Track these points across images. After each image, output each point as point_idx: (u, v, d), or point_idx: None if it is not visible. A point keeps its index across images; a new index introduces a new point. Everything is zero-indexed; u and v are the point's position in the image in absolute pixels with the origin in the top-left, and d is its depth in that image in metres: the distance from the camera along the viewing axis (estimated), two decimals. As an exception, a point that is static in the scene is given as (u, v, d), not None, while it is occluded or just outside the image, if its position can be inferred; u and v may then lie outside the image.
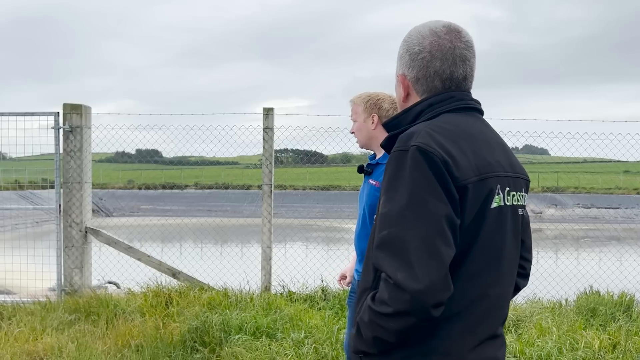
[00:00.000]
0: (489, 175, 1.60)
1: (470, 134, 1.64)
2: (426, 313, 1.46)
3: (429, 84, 1.71)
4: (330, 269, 7.14)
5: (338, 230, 21.70)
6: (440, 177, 1.51)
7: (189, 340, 4.73)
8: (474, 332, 1.61)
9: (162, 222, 18.04)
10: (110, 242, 6.76)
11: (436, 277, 1.45)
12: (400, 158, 1.55)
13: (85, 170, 6.73)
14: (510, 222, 1.67)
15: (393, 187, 1.54)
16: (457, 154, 1.55)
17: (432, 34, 1.70)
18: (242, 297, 5.77)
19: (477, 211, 1.57)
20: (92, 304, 5.84)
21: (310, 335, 4.61)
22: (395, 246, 1.49)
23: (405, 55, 1.74)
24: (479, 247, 1.58)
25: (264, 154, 6.63)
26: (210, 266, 7.67)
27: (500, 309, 1.69)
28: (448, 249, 1.49)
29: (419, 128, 1.59)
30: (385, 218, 1.53)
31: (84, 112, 6.71)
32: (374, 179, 3.15)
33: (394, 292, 1.47)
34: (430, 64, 1.69)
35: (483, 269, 1.60)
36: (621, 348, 4.41)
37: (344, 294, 6.04)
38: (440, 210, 1.49)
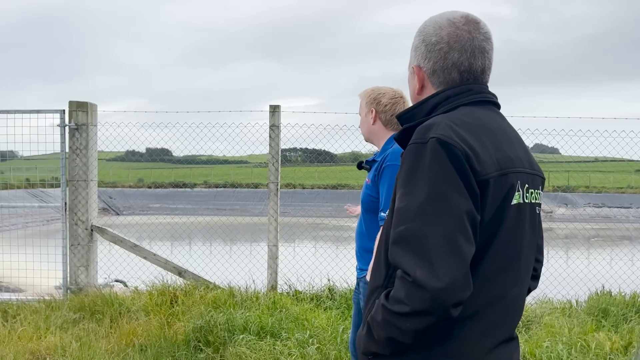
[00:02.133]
0: (510, 171, 1.54)
1: (490, 128, 1.57)
2: (446, 313, 1.39)
3: (446, 76, 1.64)
4: (337, 268, 7.08)
5: (346, 229, 21.63)
6: (462, 170, 1.44)
7: (193, 340, 4.68)
8: (491, 334, 1.54)
9: (171, 220, 18.03)
10: (116, 240, 6.72)
11: (457, 275, 1.38)
12: (418, 150, 1.47)
13: (91, 168, 6.69)
14: (528, 220, 1.60)
15: (411, 181, 1.47)
16: (479, 148, 1.48)
17: (450, 25, 1.63)
18: (247, 296, 5.71)
19: (497, 207, 1.50)
20: (97, 302, 5.80)
21: (315, 335, 4.55)
22: (414, 242, 1.42)
23: (421, 46, 1.66)
24: (497, 245, 1.51)
25: (270, 151, 6.57)
26: (217, 265, 7.63)
27: (516, 310, 1.63)
28: (469, 246, 1.42)
29: (437, 120, 1.52)
30: (402, 213, 1.46)
31: (90, 109, 6.67)
32: (368, 176, 3.11)
33: (413, 290, 1.40)
34: (448, 55, 1.62)
35: (501, 269, 1.53)
36: (634, 350, 4.31)
37: (351, 294, 5.98)
38: (461, 206, 1.42)
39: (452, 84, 1.64)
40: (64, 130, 6.62)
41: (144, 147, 12.76)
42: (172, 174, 43.09)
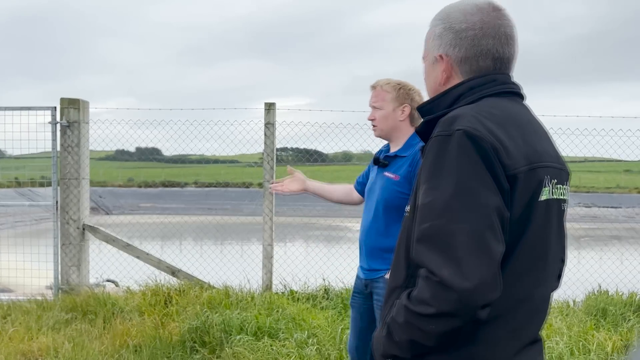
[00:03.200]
0: (539, 165, 1.46)
1: (517, 120, 1.50)
2: (473, 314, 1.33)
3: (479, 64, 1.56)
4: (332, 267, 7.01)
5: (339, 229, 21.58)
6: (490, 164, 1.37)
7: (188, 341, 4.60)
8: (518, 337, 1.47)
9: (162, 220, 17.91)
10: (109, 239, 6.62)
11: (486, 275, 1.31)
12: (443, 143, 1.40)
13: (83, 166, 6.59)
14: (555, 218, 1.53)
15: (436, 175, 1.39)
16: (507, 141, 1.41)
17: (479, 10, 1.55)
18: (243, 296, 5.64)
19: (526, 204, 1.43)
20: (90, 302, 5.71)
21: (313, 335, 4.48)
22: (441, 240, 1.35)
23: (447, 33, 1.57)
24: (525, 243, 1.44)
25: (265, 150, 6.49)
26: (210, 264, 7.54)
27: (542, 311, 1.56)
28: (498, 244, 1.35)
29: (463, 111, 1.45)
30: (427, 209, 1.39)
31: (82, 106, 6.57)
32: (392, 172, 3.00)
33: (438, 290, 1.33)
34: (482, 41, 1.54)
35: (528, 268, 1.47)
36: (632, 349, 4.28)
37: (347, 294, 5.91)
38: (490, 202, 1.35)
39: (484, 72, 1.56)
40: (56, 127, 6.51)
41: (134, 146, 12.66)
42: (162, 173, 42.86)
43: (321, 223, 20.70)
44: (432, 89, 1.65)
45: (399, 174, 2.97)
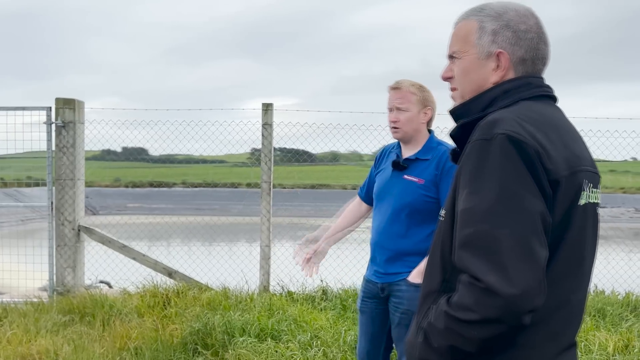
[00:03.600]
0: (578, 169, 1.47)
1: (555, 124, 1.50)
2: (518, 320, 1.32)
3: (535, 67, 1.58)
4: (330, 268, 7.00)
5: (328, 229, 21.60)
6: (533, 169, 1.36)
7: (190, 343, 4.57)
8: (555, 341, 1.47)
9: (150, 220, 17.80)
10: (105, 240, 6.57)
11: (533, 281, 1.31)
12: (484, 147, 1.39)
13: (78, 167, 6.53)
14: (591, 222, 1.53)
15: (477, 180, 1.38)
16: (548, 145, 1.41)
17: (532, 15, 1.58)
18: (242, 298, 5.62)
19: (566, 208, 1.43)
20: (87, 304, 5.66)
21: (315, 337, 4.47)
22: (485, 246, 1.33)
23: (506, 32, 1.56)
24: (564, 248, 1.44)
25: (262, 150, 6.48)
26: (200, 265, 7.47)
27: (579, 315, 1.56)
28: (543, 250, 1.34)
29: (503, 115, 1.44)
30: (470, 214, 1.38)
31: (77, 107, 6.51)
32: (415, 176, 2.98)
33: (484, 297, 1.32)
34: (539, 45, 1.57)
35: (567, 273, 1.47)
36: (636, 350, 4.32)
37: (345, 295, 5.91)
38: (534, 207, 1.34)
39: (536, 75, 1.59)
40: (51, 128, 6.45)
41: (120, 146, 12.53)
42: (149, 173, 42.56)
43: (311, 223, 20.67)
44: (476, 86, 1.60)
45: (423, 177, 2.95)
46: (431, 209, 2.92)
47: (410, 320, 2.96)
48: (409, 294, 2.92)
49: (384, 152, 3.29)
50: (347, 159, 31.16)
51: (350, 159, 32.03)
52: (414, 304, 2.92)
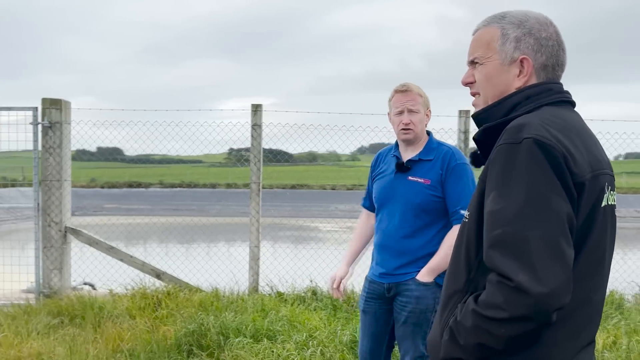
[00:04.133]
0: (600, 172, 1.52)
1: (577, 129, 1.55)
2: (547, 318, 1.37)
3: (555, 73, 1.64)
4: (320, 268, 7.03)
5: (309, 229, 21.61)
6: (560, 172, 1.41)
7: (184, 344, 4.57)
8: (577, 338, 1.52)
9: (128, 221, 17.65)
10: (92, 242, 6.52)
11: (561, 280, 1.36)
12: (511, 151, 1.44)
13: (65, 168, 6.47)
14: (610, 223, 1.59)
15: (505, 183, 1.43)
16: (573, 149, 1.46)
17: (550, 24, 1.64)
18: (233, 299, 5.62)
19: (590, 210, 1.48)
20: (75, 306, 5.62)
21: (312, 337, 4.50)
22: (515, 246, 1.38)
23: (528, 39, 1.61)
24: (587, 249, 1.50)
25: (252, 151, 6.49)
26: (186, 266, 7.44)
27: (599, 314, 1.62)
28: (570, 250, 1.40)
29: (529, 119, 1.48)
30: (499, 216, 1.42)
31: (64, 107, 6.45)
32: (420, 177, 3.04)
33: (513, 295, 1.36)
34: (559, 53, 1.64)
35: (589, 273, 1.52)
36: (624, 347, 4.42)
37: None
38: (562, 208, 1.39)
39: (555, 81, 1.65)
40: (37, 128, 6.38)
41: (95, 146, 12.35)
42: (125, 173, 42.16)
43: (292, 224, 20.69)
44: (499, 91, 1.64)
45: (429, 177, 3.02)
46: (438, 209, 3.00)
47: (417, 319, 3.01)
48: (418, 293, 2.98)
49: (379, 156, 3.33)
50: (325, 159, 31.24)
51: (328, 159, 32.12)
52: (423, 302, 2.98)
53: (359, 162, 38.69)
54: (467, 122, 6.49)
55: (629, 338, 4.56)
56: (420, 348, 3.03)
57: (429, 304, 2.98)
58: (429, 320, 3.00)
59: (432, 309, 2.98)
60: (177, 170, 43.65)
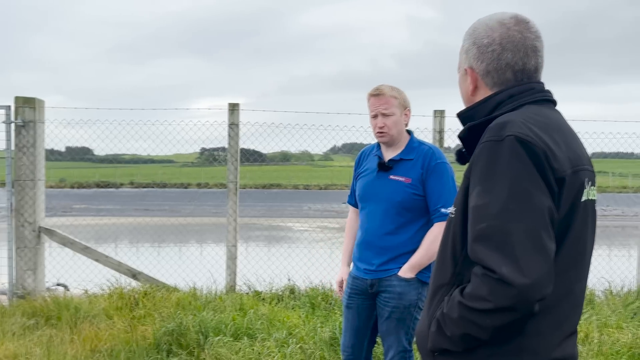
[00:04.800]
0: (580, 168, 1.59)
1: (558, 126, 1.61)
2: (530, 308, 1.43)
3: (500, 77, 1.67)
4: (297, 267, 7.06)
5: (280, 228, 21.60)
6: (541, 168, 1.47)
7: (164, 343, 4.56)
8: (560, 329, 1.58)
9: (98, 222, 17.45)
10: (66, 242, 6.45)
11: (543, 272, 1.42)
12: (494, 148, 1.49)
13: (38, 167, 6.39)
14: (590, 217, 1.65)
15: (489, 179, 1.49)
16: (553, 145, 1.52)
17: (501, 26, 1.66)
18: (211, 298, 5.62)
19: (570, 205, 1.54)
20: (51, 307, 5.56)
21: (291, 335, 4.53)
22: (498, 239, 1.43)
23: (473, 49, 1.70)
24: (568, 242, 1.56)
25: (229, 150, 6.49)
26: (154, 265, 7.41)
27: (580, 304, 1.68)
28: (551, 243, 1.46)
29: (511, 117, 1.54)
30: (483, 210, 1.48)
31: (38, 105, 6.37)
32: (402, 175, 3.09)
33: (498, 287, 1.42)
34: (502, 56, 1.65)
35: (570, 265, 1.58)
36: (595, 341, 4.55)
37: (314, 293, 5.98)
38: (543, 203, 1.45)
39: (507, 84, 1.67)
40: (10, 127, 6.28)
41: (64, 146, 12.18)
42: (95, 173, 41.62)
43: (265, 223, 20.67)
44: (464, 99, 1.78)
45: (410, 176, 3.08)
46: (419, 206, 3.07)
47: (401, 315, 3.07)
48: (400, 289, 3.05)
49: (362, 155, 3.39)
50: (298, 158, 31.24)
51: (301, 158, 32.13)
52: (405, 298, 3.05)
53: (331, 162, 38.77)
54: (442, 121, 6.58)
55: (600, 332, 4.69)
56: (403, 343, 3.09)
57: (412, 300, 3.04)
58: (412, 316, 3.06)
59: (414, 305, 3.04)
60: (147, 170, 43.22)
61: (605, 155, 9.63)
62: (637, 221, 18.21)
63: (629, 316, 5.37)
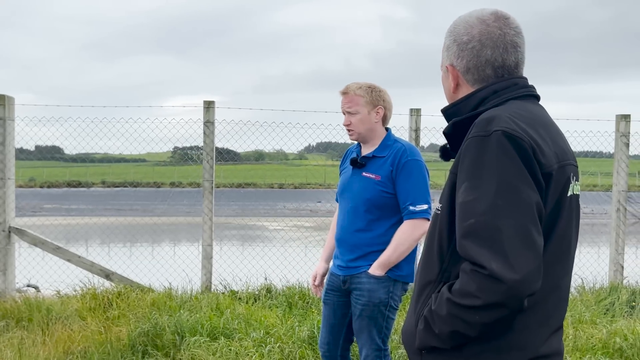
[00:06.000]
0: (566, 163, 1.59)
1: (542, 121, 1.61)
2: (520, 304, 1.42)
3: (480, 73, 1.67)
4: (274, 266, 7.02)
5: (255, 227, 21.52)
6: (529, 163, 1.46)
7: (139, 344, 4.49)
8: (547, 324, 1.58)
9: (69, 221, 17.18)
10: (37, 242, 6.32)
11: (533, 267, 1.41)
12: (481, 143, 1.48)
13: (8, 166, 6.24)
14: (575, 212, 1.66)
15: (476, 174, 1.47)
16: (540, 140, 1.51)
17: (481, 22, 1.66)
18: (187, 298, 5.56)
19: (557, 200, 1.54)
20: (22, 308, 5.43)
21: (268, 334, 4.49)
22: (487, 235, 1.42)
23: (453, 46, 1.69)
24: (555, 237, 1.56)
25: (204, 148, 6.42)
26: (140, 267, 7.32)
27: (566, 300, 1.68)
28: (540, 238, 1.45)
29: (497, 113, 1.53)
30: (470, 206, 1.46)
31: (7, 102, 6.22)
32: (371, 172, 3.08)
33: (487, 283, 1.41)
34: (481, 52, 1.65)
35: (557, 260, 1.58)
36: (570, 337, 4.59)
37: (290, 292, 5.95)
38: (531, 198, 1.44)
39: (488, 80, 1.67)
40: (-22, 124, 6.13)
41: (33, 145, 11.96)
42: (66, 172, 40.98)
43: (238, 223, 20.56)
44: (447, 95, 1.77)
45: (379, 174, 3.07)
46: (389, 204, 3.05)
47: (371, 313, 3.06)
48: (369, 286, 3.04)
49: (347, 152, 3.41)
50: (273, 158, 31.13)
51: (275, 158, 32.03)
52: (375, 296, 3.04)
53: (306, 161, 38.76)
54: (418, 120, 6.60)
55: (575, 328, 4.74)
56: (376, 341, 3.07)
57: (381, 298, 3.03)
58: (384, 315, 3.05)
59: (385, 303, 3.03)
60: (119, 169, 42.67)
61: (577, 154, 9.75)
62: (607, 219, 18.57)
63: (602, 312, 5.45)
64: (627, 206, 6.91)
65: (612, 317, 5.34)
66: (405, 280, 3.09)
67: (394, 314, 3.10)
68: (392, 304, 3.05)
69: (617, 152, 6.88)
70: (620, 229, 6.82)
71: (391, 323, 3.10)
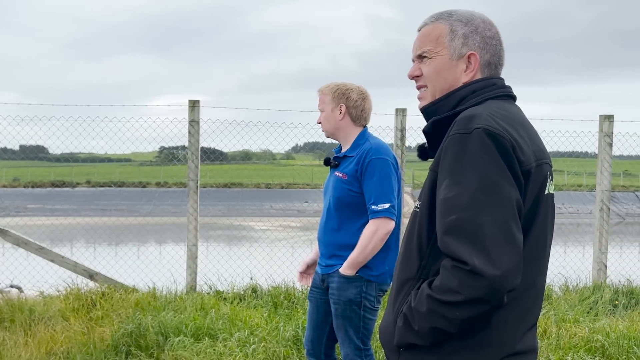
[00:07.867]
0: (543, 162, 1.61)
1: (520, 121, 1.63)
2: (500, 300, 1.44)
3: (496, 71, 1.72)
4: (259, 266, 7.01)
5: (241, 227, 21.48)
6: (509, 160, 1.48)
7: (122, 345, 4.46)
8: (523, 321, 1.59)
9: (53, 222, 17.04)
10: (20, 242, 6.25)
11: (513, 263, 1.43)
12: (462, 141, 1.50)
13: (-10, 165, 6.18)
14: (550, 211, 1.68)
15: (457, 171, 1.48)
16: (519, 139, 1.53)
17: (493, 25, 1.72)
18: (171, 298, 5.53)
19: (535, 198, 1.56)
20: (4, 309, 5.38)
21: (253, 334, 4.48)
22: (469, 231, 1.43)
23: (475, 36, 1.68)
24: (532, 234, 1.57)
25: (189, 148, 6.39)
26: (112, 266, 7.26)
27: (541, 297, 1.70)
28: (520, 234, 1.47)
29: (478, 111, 1.55)
30: (452, 203, 1.47)
31: (-11, 101, 6.16)
32: (341, 171, 3.11)
33: (468, 278, 1.42)
34: (500, 52, 1.72)
35: (533, 257, 1.60)
36: (554, 335, 4.62)
37: (276, 292, 5.94)
38: (512, 195, 1.46)
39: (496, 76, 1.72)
40: (-41, 123, 6.06)
41: (17, 144, 11.86)
42: (50, 172, 40.62)
43: (225, 223, 20.50)
44: (448, 85, 1.70)
45: (345, 172, 3.09)
46: (357, 203, 3.06)
47: (344, 312, 3.07)
48: (339, 285, 3.06)
49: (335, 151, 3.43)
50: (260, 157, 31.08)
51: (263, 157, 31.98)
52: (344, 295, 3.05)
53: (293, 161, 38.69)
54: (404, 120, 6.61)
55: (558, 327, 4.77)
56: (354, 341, 3.07)
57: (352, 297, 3.02)
58: (358, 314, 3.04)
59: (357, 303, 3.03)
60: (104, 169, 42.41)
61: (561, 154, 9.84)
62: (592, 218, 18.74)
63: (585, 311, 5.49)
64: (610, 206, 6.97)
65: (595, 315, 5.38)
66: (379, 280, 3.07)
67: (373, 315, 3.09)
68: (367, 304, 3.04)
69: (601, 152, 6.93)
70: (604, 228, 6.87)
71: (370, 323, 3.10)
